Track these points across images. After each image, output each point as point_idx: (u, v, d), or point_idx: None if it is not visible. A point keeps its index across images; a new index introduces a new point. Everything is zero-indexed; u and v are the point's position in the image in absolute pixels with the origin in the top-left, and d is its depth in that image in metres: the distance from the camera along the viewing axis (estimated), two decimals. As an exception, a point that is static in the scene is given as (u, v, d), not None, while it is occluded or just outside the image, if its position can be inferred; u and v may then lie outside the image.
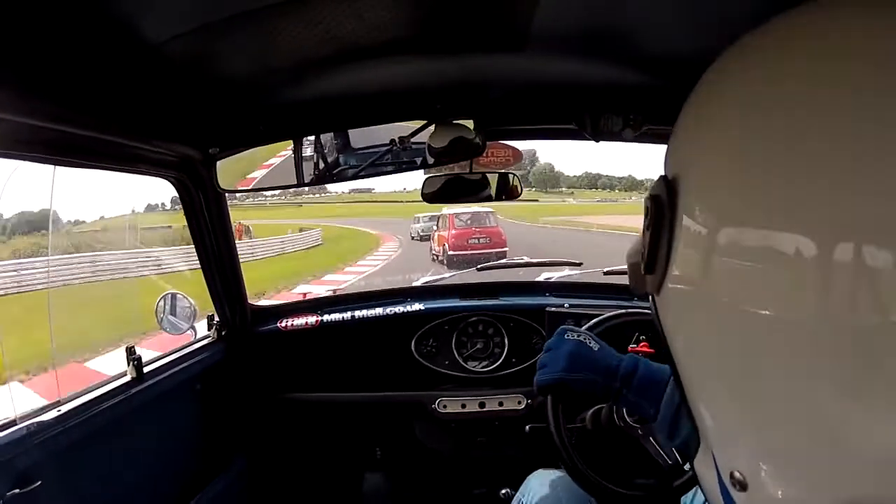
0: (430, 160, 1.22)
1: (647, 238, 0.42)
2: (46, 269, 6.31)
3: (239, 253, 1.57)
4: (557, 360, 0.88)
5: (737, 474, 0.37)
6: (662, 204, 0.40)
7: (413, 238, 14.58)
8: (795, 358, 0.32)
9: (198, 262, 1.48)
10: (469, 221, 9.81)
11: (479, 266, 1.97)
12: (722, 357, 0.37)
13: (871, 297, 0.29)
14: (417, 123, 1.20)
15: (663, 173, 0.42)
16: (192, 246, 1.45)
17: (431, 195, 1.42)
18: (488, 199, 1.46)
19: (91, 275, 8.18)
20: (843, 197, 0.29)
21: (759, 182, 0.33)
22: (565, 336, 0.90)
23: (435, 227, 10.60)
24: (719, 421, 0.39)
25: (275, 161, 1.26)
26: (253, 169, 1.28)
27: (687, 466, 0.96)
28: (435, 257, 9.97)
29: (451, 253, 9.29)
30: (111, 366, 3.54)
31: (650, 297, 0.44)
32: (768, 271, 0.32)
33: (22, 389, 3.77)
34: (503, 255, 8.38)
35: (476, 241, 9.41)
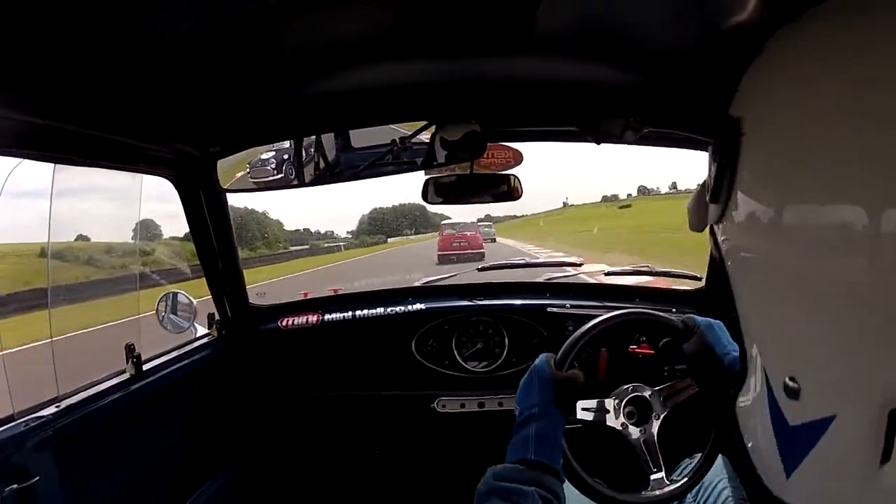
0: (431, 161, 1.22)
1: (713, 170, 0.47)
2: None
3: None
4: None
5: (790, 382, 0.40)
6: (728, 139, 0.45)
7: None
8: (837, 290, 0.36)
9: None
10: (457, 230, 13.21)
11: (480, 267, 1.97)
12: (775, 276, 0.41)
13: None
14: (419, 124, 1.20)
15: (730, 111, 0.47)
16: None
17: (431, 196, 1.42)
18: (489, 200, 1.45)
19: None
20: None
21: (819, 138, 0.38)
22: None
23: (438, 234, 14.31)
24: (772, 333, 0.43)
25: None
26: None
27: (675, 476, 0.97)
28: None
29: (439, 253, 12.47)
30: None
31: (710, 229, 0.49)
32: (813, 212, 0.38)
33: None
34: (480, 255, 11.31)
35: (458, 244, 12.58)
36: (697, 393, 1.00)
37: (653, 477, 0.97)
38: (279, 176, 1.23)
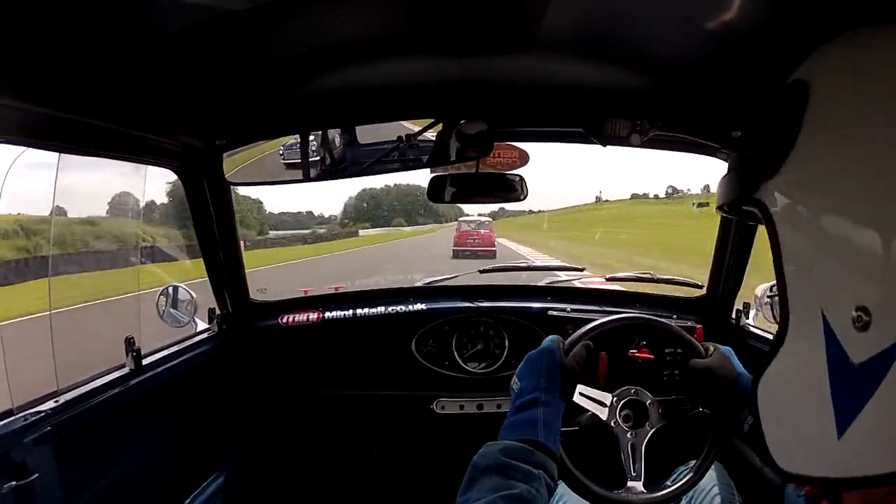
0: (437, 159, 1.22)
1: (765, 133, 0.51)
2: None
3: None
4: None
5: (861, 315, 0.41)
6: (794, 102, 0.48)
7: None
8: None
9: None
10: (472, 226, 13.98)
11: (481, 269, 1.97)
12: (849, 209, 0.44)
13: None
14: (426, 121, 1.20)
15: (796, 76, 0.49)
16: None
17: (436, 194, 1.42)
18: (494, 200, 1.45)
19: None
20: None
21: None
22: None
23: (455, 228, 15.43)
24: (839, 269, 0.44)
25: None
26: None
27: (669, 481, 0.97)
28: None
29: (454, 248, 13.31)
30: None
31: (757, 200, 0.51)
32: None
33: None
34: (492, 252, 12.37)
35: (472, 241, 13.40)
36: (697, 415, 1.00)
37: (629, 483, 0.97)
38: (317, 158, 1.21)
